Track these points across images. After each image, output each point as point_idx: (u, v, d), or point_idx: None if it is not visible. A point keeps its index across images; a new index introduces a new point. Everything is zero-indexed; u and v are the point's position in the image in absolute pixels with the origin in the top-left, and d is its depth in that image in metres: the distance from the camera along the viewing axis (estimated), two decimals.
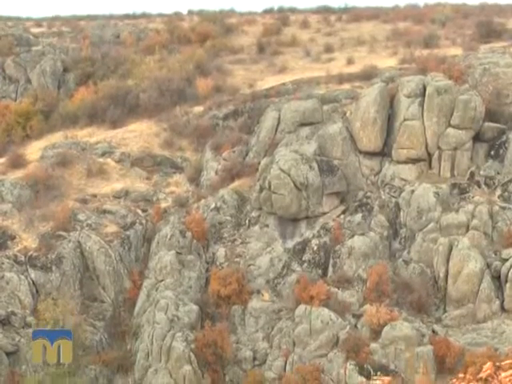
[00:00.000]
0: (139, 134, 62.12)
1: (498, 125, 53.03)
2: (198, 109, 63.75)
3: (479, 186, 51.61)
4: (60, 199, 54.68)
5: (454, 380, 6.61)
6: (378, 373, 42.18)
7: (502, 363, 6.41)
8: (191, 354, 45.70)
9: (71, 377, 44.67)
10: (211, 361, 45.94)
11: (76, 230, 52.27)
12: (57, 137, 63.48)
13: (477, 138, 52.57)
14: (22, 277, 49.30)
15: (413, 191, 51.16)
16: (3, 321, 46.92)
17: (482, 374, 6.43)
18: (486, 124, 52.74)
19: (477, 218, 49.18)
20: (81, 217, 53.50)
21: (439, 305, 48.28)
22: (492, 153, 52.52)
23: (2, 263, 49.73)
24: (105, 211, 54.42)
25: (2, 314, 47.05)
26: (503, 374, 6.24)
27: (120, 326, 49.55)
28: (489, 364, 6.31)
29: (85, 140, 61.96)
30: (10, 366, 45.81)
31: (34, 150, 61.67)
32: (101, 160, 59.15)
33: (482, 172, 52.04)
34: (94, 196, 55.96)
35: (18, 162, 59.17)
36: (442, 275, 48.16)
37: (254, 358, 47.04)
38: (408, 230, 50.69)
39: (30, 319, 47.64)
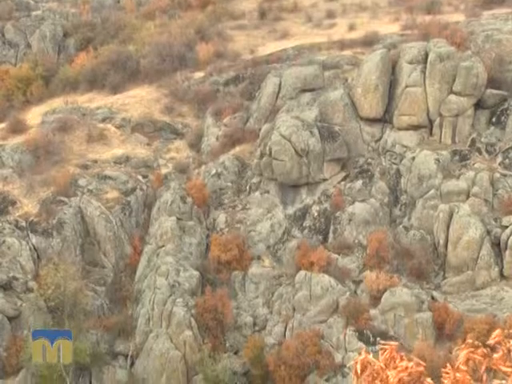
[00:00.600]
0: (140, 100, 61.91)
1: (500, 91, 52.79)
2: (199, 74, 63.49)
3: (480, 153, 51.55)
4: (60, 165, 54.66)
5: (462, 346, 6.65)
6: (378, 338, 42.44)
7: (511, 331, 6.46)
8: (192, 319, 45.98)
9: (73, 341, 44.86)
10: (212, 326, 46.22)
11: (77, 196, 52.31)
12: (57, 102, 63.31)
13: (478, 104, 52.39)
14: (24, 242, 49.41)
15: (414, 158, 51.12)
16: (5, 286, 47.14)
17: (491, 341, 6.47)
18: (488, 91, 52.51)
19: (477, 185, 49.19)
20: (81, 182, 53.50)
21: (439, 271, 48.45)
22: (493, 120, 52.37)
23: (3, 229, 49.83)
24: (105, 177, 54.41)
25: (3, 278, 47.25)
26: None
27: (121, 291, 49.78)
28: (498, 331, 6.35)
29: (85, 105, 61.79)
30: (12, 331, 46.11)
31: (34, 116, 61.53)
32: (101, 125, 59.02)
33: (483, 139, 51.94)
34: (95, 161, 55.91)
35: (18, 128, 59.07)
36: (441, 242, 48.28)
37: (254, 324, 47.32)
38: (408, 197, 50.73)
39: (31, 284, 47.87)
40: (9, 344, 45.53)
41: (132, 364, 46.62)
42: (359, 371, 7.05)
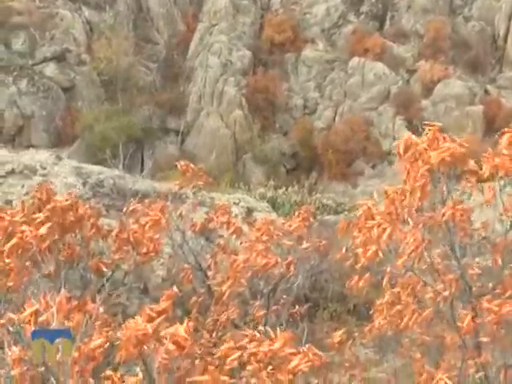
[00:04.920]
0: None
1: None
2: None
3: None
4: None
5: (499, 133, 6.63)
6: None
7: None
8: (243, 98, 46.28)
9: (126, 115, 45.81)
10: (262, 107, 46.55)
11: None
12: None
13: None
14: (76, 15, 49.11)
15: None
16: (58, 57, 47.46)
17: None
18: None
19: None
20: None
21: (495, 65, 47.51)
22: None
23: (56, 0, 49.41)
24: None
25: (57, 50, 47.47)
26: None
27: (173, 69, 49.92)
28: None
29: None
30: (67, 102, 47.06)
31: None
32: None
33: None
34: None
35: None
36: (501, 34, 46.94)
37: (305, 107, 47.53)
38: None
39: (84, 57, 48.11)
40: (64, 114, 46.61)
41: (183, 141, 47.66)
42: (402, 152, 7.12)
